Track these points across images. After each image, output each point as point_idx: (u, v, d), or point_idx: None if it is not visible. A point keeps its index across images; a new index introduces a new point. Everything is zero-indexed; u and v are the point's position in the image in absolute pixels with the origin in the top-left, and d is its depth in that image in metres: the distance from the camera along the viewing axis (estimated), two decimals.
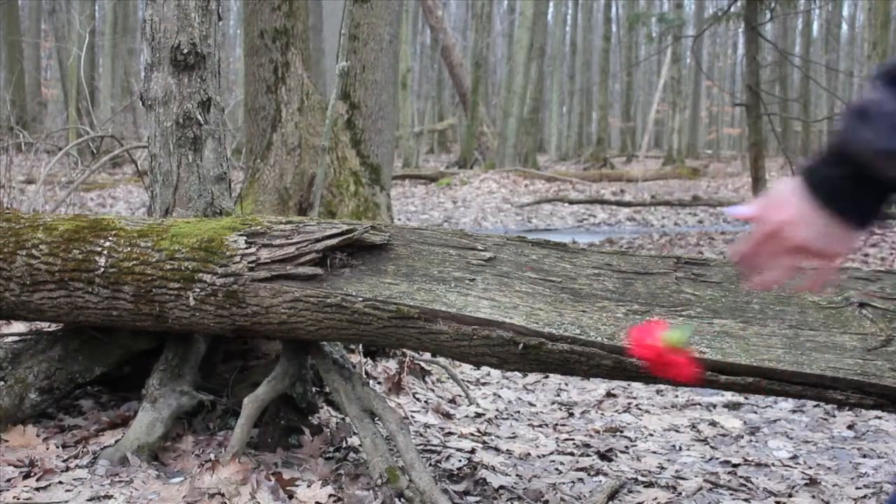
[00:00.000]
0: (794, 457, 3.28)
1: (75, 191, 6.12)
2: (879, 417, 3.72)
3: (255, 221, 2.63)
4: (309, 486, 2.47)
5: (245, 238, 2.57)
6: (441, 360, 3.98)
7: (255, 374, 3.02)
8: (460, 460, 2.99)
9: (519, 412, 3.83)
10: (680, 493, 2.79)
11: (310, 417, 2.95)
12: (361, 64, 6.07)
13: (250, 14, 6.26)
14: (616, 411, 3.90)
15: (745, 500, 2.77)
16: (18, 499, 2.35)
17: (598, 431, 3.54)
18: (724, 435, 3.56)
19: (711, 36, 32.47)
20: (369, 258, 2.49)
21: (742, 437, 3.54)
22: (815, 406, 3.90)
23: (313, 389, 2.94)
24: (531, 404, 3.99)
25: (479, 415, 3.73)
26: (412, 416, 3.51)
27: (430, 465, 2.89)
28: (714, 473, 3.02)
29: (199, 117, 2.98)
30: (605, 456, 3.18)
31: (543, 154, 28.59)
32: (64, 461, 2.62)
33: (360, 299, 2.42)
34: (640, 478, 2.93)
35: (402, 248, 2.49)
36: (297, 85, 6.16)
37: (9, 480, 2.47)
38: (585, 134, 34.57)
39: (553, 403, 4.03)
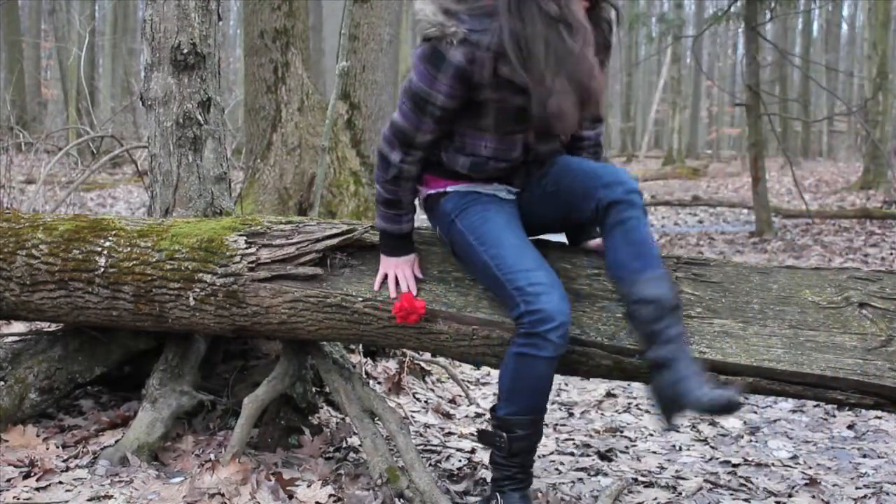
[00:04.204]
0: (794, 457, 3.28)
1: (75, 191, 6.12)
2: (879, 417, 3.72)
3: (255, 221, 2.63)
4: (309, 486, 2.47)
5: (245, 238, 2.57)
6: (441, 360, 3.99)
7: (255, 374, 3.02)
8: (460, 460, 2.99)
9: None
10: (680, 493, 2.79)
11: (310, 417, 2.95)
12: (361, 64, 6.07)
13: (250, 14, 6.26)
14: (616, 411, 3.90)
15: (745, 500, 2.77)
16: (18, 499, 2.35)
17: (598, 431, 3.54)
18: (724, 435, 3.56)
19: (711, 36, 32.48)
20: (369, 258, 2.49)
21: (742, 437, 3.54)
22: (815, 406, 3.90)
23: (313, 389, 2.94)
24: None
25: (479, 415, 3.73)
26: (412, 416, 3.51)
27: (430, 465, 2.89)
28: (714, 473, 3.02)
29: (199, 117, 2.98)
30: (605, 456, 3.19)
31: None
32: (64, 461, 2.62)
33: (360, 299, 2.42)
34: (640, 478, 2.93)
35: None
36: (297, 85, 6.16)
37: (9, 480, 2.47)
38: None
39: (553, 403, 4.02)
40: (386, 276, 2.40)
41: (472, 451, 3.12)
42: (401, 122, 2.26)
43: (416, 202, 2.43)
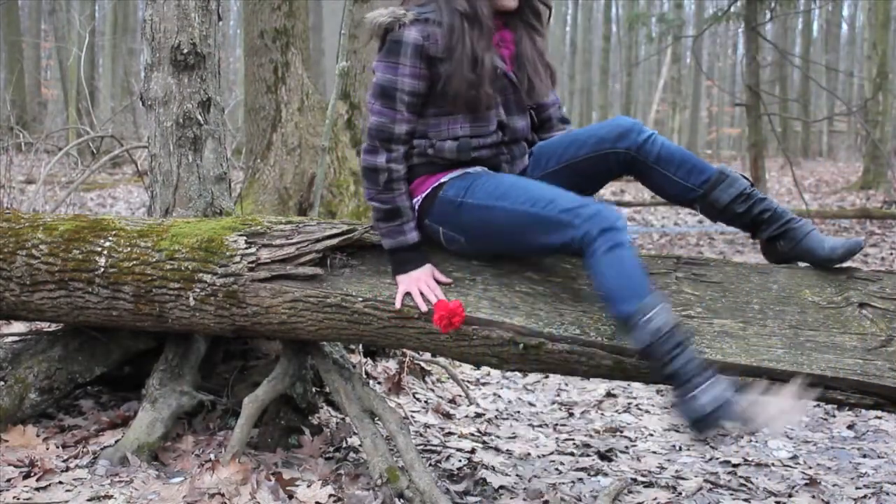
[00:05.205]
0: (794, 457, 3.28)
1: (75, 191, 6.12)
2: (879, 417, 3.72)
3: (255, 221, 2.63)
4: (309, 486, 2.47)
5: (245, 238, 2.57)
6: (441, 360, 3.99)
7: (255, 374, 3.02)
8: (460, 460, 2.99)
9: (519, 412, 3.84)
10: (680, 493, 2.79)
11: (310, 417, 2.95)
12: (361, 64, 6.07)
13: (250, 14, 6.26)
14: (616, 411, 3.90)
15: (745, 500, 2.77)
16: (18, 499, 2.35)
17: (598, 431, 3.54)
18: (724, 435, 3.56)
19: (711, 36, 32.47)
20: (369, 258, 2.49)
21: (742, 437, 3.54)
22: (815, 406, 3.90)
23: (313, 389, 2.94)
24: (531, 404, 4.00)
25: (479, 415, 3.73)
26: (412, 416, 3.51)
27: (430, 465, 2.89)
28: (714, 473, 3.02)
29: (199, 117, 2.98)
30: (605, 456, 3.19)
31: None
32: (64, 461, 2.62)
33: (360, 299, 2.42)
34: (640, 478, 2.93)
35: None
36: (297, 85, 6.16)
37: (9, 480, 2.47)
38: None
39: (553, 403, 4.03)
40: (407, 293, 2.35)
41: (472, 451, 3.12)
42: (376, 121, 2.33)
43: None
